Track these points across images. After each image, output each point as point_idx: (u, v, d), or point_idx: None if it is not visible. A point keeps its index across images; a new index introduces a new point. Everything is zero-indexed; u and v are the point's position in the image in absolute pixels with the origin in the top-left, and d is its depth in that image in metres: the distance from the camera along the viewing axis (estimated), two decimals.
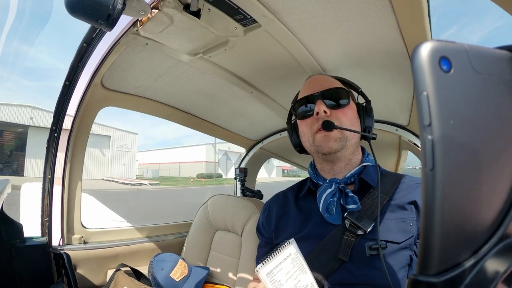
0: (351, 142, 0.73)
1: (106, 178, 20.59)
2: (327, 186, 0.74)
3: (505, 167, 0.23)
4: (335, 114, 0.72)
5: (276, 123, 1.68)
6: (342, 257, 0.64)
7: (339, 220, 0.70)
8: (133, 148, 24.36)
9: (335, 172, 0.76)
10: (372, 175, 0.74)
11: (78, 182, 1.24)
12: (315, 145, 0.74)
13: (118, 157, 22.74)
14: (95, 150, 20.91)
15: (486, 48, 0.23)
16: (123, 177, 21.70)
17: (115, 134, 22.56)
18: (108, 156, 21.71)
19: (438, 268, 0.21)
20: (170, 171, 33.22)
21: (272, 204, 0.89)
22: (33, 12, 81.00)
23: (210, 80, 1.18)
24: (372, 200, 0.70)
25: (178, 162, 33.57)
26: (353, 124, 0.74)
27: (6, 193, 0.99)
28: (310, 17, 0.76)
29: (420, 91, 0.20)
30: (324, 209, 0.72)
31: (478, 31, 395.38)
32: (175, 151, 35.81)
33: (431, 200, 0.20)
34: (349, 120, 0.73)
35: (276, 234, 0.81)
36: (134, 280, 1.16)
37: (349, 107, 0.74)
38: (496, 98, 0.23)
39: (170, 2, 0.71)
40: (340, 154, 0.73)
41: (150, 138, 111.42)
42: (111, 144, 21.70)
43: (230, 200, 1.32)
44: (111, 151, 21.82)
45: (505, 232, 0.23)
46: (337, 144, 0.71)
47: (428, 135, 0.20)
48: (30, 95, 60.51)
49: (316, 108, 0.72)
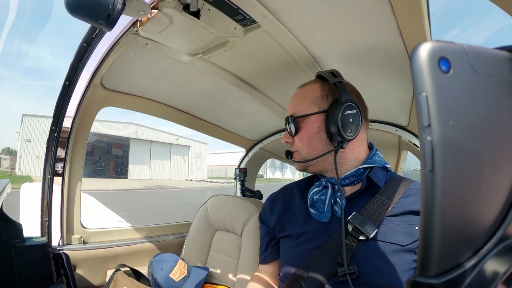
0: (317, 160, 0.73)
1: (190, 179, 26.56)
2: (317, 185, 0.76)
3: (505, 167, 0.23)
4: (296, 140, 0.76)
5: (276, 124, 1.68)
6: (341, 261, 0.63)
7: (327, 218, 0.71)
8: (205, 155, 31.41)
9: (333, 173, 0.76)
10: (379, 176, 0.72)
11: (77, 182, 1.24)
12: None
13: (195, 162, 29.26)
14: (178, 157, 27.17)
15: (485, 49, 0.23)
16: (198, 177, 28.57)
17: (193, 144, 28.80)
18: (188, 162, 28.61)
19: (437, 270, 0.21)
20: (219, 173, 39.82)
21: (278, 196, 0.89)
22: (34, 11, 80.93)
23: (210, 80, 1.18)
24: (377, 205, 0.68)
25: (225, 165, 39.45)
26: (312, 143, 0.73)
27: (6, 193, 0.99)
28: (309, 17, 0.76)
29: (419, 91, 0.20)
30: (310, 205, 0.74)
31: (481, 32, 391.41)
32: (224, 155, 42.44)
33: (431, 201, 0.20)
34: (305, 143, 0.74)
35: (280, 227, 0.80)
36: (134, 280, 1.16)
37: (304, 128, 0.73)
38: (496, 98, 0.23)
39: (169, 2, 0.71)
40: (313, 170, 0.77)
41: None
42: (190, 152, 28.45)
43: (230, 200, 1.32)
44: (190, 158, 28.68)
45: (504, 233, 0.23)
46: (300, 166, 0.77)
47: (428, 136, 0.20)
48: (32, 94, 60.65)
49: (282, 139, 0.80)
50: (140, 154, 23.63)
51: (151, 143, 24.24)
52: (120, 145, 23.44)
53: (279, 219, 0.81)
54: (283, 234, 0.78)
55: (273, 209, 0.85)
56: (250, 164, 2.04)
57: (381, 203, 0.68)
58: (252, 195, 1.83)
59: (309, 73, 1.04)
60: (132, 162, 22.96)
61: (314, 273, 0.66)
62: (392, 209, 0.67)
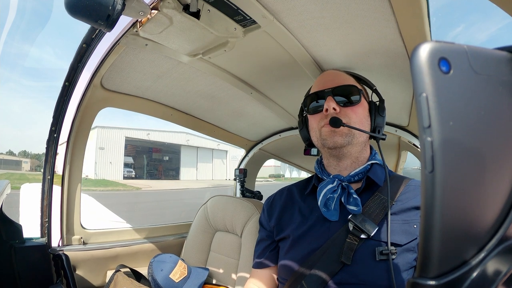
0: (358, 140, 0.72)
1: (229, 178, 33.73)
2: (329, 182, 0.73)
3: (505, 168, 0.23)
4: (344, 112, 0.72)
5: (276, 124, 1.67)
6: (345, 260, 0.64)
7: (336, 217, 0.70)
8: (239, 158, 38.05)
9: (341, 169, 0.76)
10: (379, 175, 0.73)
11: (77, 183, 1.23)
12: (321, 139, 0.74)
13: (231, 164, 32.41)
14: (218, 160, 31.06)
15: (485, 49, 0.23)
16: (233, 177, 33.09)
17: (230, 149, 31.74)
18: (226, 164, 32.19)
19: (437, 271, 0.21)
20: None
21: (276, 198, 0.88)
22: (35, 11, 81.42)
23: (210, 81, 1.18)
24: (377, 203, 0.69)
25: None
26: (362, 122, 0.74)
27: (5, 193, 0.99)
28: (309, 18, 0.76)
29: (420, 92, 0.20)
30: (323, 203, 0.71)
31: (485, 30, 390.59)
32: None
33: (431, 202, 0.20)
34: (358, 118, 0.72)
35: (278, 229, 0.80)
36: (134, 281, 1.15)
37: (360, 105, 0.74)
38: (496, 99, 0.23)
39: (169, 3, 0.71)
40: (346, 150, 0.73)
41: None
42: (227, 156, 31.93)
43: (230, 201, 1.32)
44: (227, 161, 32.03)
45: (504, 234, 0.23)
46: (343, 139, 0.71)
47: (428, 137, 0.20)
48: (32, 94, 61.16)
49: (326, 105, 0.72)
50: (190, 158, 28.40)
51: (197, 148, 28.62)
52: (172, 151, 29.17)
53: (278, 221, 0.81)
54: (283, 235, 0.78)
55: (272, 211, 0.85)
56: (250, 164, 2.03)
57: (381, 200, 0.69)
58: (252, 196, 1.83)
59: (309, 73, 1.03)
60: (183, 166, 28.00)
61: (316, 273, 0.66)
62: (392, 206, 0.68)
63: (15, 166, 31.27)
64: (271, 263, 0.81)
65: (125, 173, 23.52)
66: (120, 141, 23.37)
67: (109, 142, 23.03)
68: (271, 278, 0.82)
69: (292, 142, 1.79)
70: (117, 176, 22.38)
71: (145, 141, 25.68)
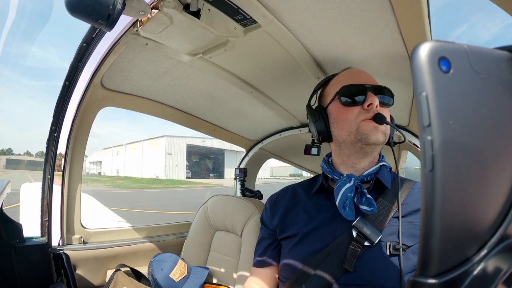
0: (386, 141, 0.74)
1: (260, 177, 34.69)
2: (346, 181, 0.71)
3: (505, 167, 0.23)
4: (381, 111, 0.71)
5: (276, 124, 1.67)
6: (348, 267, 0.63)
7: (352, 216, 0.68)
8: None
9: (358, 168, 0.74)
10: (386, 177, 0.73)
11: (78, 183, 1.24)
12: (360, 133, 0.70)
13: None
14: None
15: (485, 49, 0.23)
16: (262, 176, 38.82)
17: None
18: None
19: (437, 270, 0.21)
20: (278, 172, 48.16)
21: (280, 197, 0.88)
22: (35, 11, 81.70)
23: (210, 80, 1.18)
24: (381, 209, 0.68)
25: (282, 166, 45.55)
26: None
27: (6, 193, 0.99)
28: (310, 17, 0.76)
29: (420, 91, 0.20)
30: (341, 204, 0.69)
31: (486, 30, 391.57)
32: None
33: (431, 201, 0.20)
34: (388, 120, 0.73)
35: (282, 228, 0.80)
36: (134, 280, 1.16)
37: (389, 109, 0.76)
38: (496, 98, 0.23)
39: (170, 2, 0.71)
40: (378, 148, 0.74)
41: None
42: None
43: (230, 200, 1.32)
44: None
45: (505, 233, 0.23)
46: (383, 137, 0.71)
47: (428, 135, 0.20)
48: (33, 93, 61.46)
49: (370, 100, 0.70)
50: (231, 161, 34.82)
51: (236, 153, 32.59)
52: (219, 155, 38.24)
53: (281, 220, 0.81)
54: (286, 234, 0.77)
55: (275, 209, 0.85)
56: (250, 164, 2.04)
57: (385, 207, 0.68)
58: (252, 195, 1.83)
59: (309, 72, 1.03)
60: (227, 167, 35.92)
61: (318, 276, 0.65)
62: (395, 212, 0.67)
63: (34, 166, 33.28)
64: (273, 261, 0.81)
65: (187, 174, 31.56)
66: (183, 147, 31.33)
67: (175, 148, 30.89)
68: (271, 277, 0.82)
69: (292, 141, 1.79)
70: (182, 176, 30.03)
71: (201, 147, 34.07)
